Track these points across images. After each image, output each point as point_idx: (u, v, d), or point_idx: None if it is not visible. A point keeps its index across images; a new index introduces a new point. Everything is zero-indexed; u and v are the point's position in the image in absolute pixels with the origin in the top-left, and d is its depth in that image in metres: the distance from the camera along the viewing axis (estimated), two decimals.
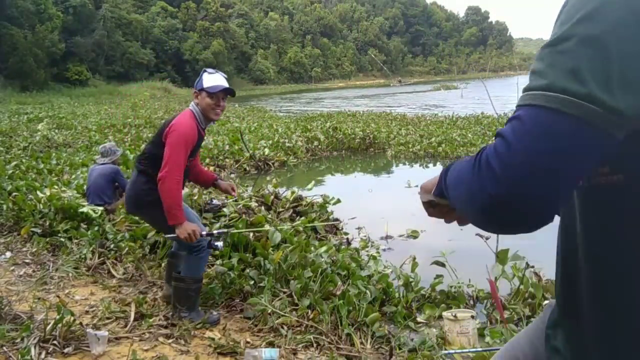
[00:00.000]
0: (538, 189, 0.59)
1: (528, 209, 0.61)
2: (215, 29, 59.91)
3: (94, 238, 4.17)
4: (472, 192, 0.65)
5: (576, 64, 0.59)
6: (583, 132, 0.58)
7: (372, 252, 4.42)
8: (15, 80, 36.00)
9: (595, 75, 0.58)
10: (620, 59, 0.58)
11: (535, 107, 0.61)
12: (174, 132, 2.76)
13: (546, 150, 0.59)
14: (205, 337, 2.74)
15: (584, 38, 0.59)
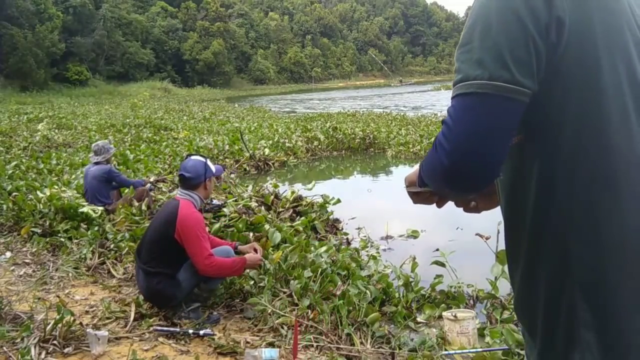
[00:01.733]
0: (475, 156, 0.77)
1: (473, 172, 0.79)
2: (215, 29, 59.89)
3: (94, 238, 4.17)
4: (434, 168, 0.83)
5: (480, 56, 0.77)
6: (498, 104, 0.76)
7: (372, 252, 4.42)
8: (15, 80, 36.01)
9: (494, 61, 0.75)
10: (508, 46, 0.75)
11: (459, 95, 0.78)
12: (189, 229, 2.81)
13: (474, 125, 0.76)
14: (205, 337, 2.74)
15: (479, 36, 0.78)
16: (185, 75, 55.95)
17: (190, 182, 3.01)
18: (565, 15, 0.75)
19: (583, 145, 0.77)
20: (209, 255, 2.83)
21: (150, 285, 2.88)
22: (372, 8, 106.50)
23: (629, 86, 0.76)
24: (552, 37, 0.75)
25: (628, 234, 0.76)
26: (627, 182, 0.76)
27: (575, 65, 0.76)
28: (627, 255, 0.75)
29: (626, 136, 0.76)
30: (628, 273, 0.76)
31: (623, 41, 0.77)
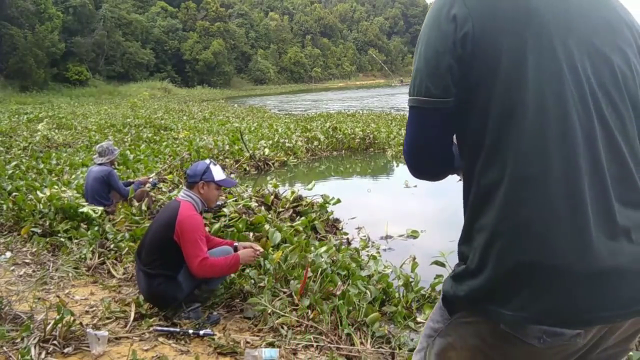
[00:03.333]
0: (420, 156, 1.05)
1: (424, 168, 1.07)
2: (215, 29, 59.89)
3: (94, 238, 4.17)
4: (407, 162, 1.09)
5: (412, 78, 1.00)
6: (425, 114, 0.99)
7: (372, 252, 4.41)
8: (15, 80, 35.99)
9: (419, 80, 0.98)
10: (426, 67, 0.96)
11: (409, 108, 1.02)
12: (186, 232, 2.80)
13: (413, 132, 1.03)
14: (205, 337, 2.74)
15: (415, 66, 1.01)
16: (185, 75, 55.92)
17: (189, 180, 3.04)
18: (470, 30, 0.90)
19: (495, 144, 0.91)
20: (204, 259, 2.81)
21: (151, 287, 2.88)
22: (372, 8, 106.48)
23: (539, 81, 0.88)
24: (459, 51, 0.91)
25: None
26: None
27: (483, 68, 0.91)
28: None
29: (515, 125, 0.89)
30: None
31: (526, 43, 0.90)
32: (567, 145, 0.87)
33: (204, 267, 2.82)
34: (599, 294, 0.86)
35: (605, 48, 0.93)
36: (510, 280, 0.88)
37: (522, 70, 0.88)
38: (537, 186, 0.87)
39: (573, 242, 0.86)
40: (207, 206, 3.09)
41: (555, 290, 0.86)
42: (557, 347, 0.90)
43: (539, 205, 0.87)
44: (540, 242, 0.86)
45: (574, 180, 0.86)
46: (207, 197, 3.03)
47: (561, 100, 0.87)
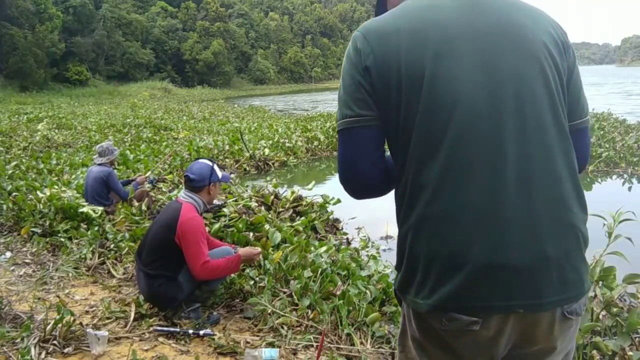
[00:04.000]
0: (352, 174, 1.10)
1: (358, 185, 1.12)
2: (215, 29, 59.88)
3: (94, 238, 4.17)
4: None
5: (338, 106, 1.10)
6: (354, 133, 1.07)
7: (372, 252, 4.42)
8: (15, 80, 35.99)
9: (343, 106, 1.08)
10: (348, 93, 1.07)
11: (338, 134, 1.11)
12: (188, 234, 2.80)
13: (344, 153, 1.10)
14: (205, 337, 2.74)
15: (338, 95, 1.11)
16: (185, 75, 55.91)
17: (194, 185, 2.98)
18: (372, 64, 1.03)
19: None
20: (205, 262, 2.81)
21: (152, 287, 2.88)
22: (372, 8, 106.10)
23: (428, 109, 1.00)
24: (367, 79, 1.04)
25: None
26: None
27: (382, 93, 1.04)
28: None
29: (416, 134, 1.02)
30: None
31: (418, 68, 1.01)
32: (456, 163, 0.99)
33: (205, 270, 2.82)
34: (494, 286, 0.95)
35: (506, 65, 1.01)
36: (418, 272, 1.02)
37: (416, 100, 1.00)
38: (429, 189, 0.99)
39: (472, 236, 0.96)
40: (207, 205, 3.09)
41: (455, 280, 0.97)
42: (461, 332, 0.99)
43: (437, 204, 0.99)
44: (441, 237, 0.98)
45: (469, 182, 0.97)
46: (213, 197, 3.05)
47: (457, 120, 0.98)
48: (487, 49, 1.01)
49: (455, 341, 1.02)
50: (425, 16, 1.04)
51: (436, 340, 1.05)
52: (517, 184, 0.96)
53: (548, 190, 0.97)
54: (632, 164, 8.20)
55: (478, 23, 1.03)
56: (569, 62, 1.09)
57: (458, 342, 1.02)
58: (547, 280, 0.96)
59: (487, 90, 0.98)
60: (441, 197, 0.98)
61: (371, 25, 1.08)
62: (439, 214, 0.98)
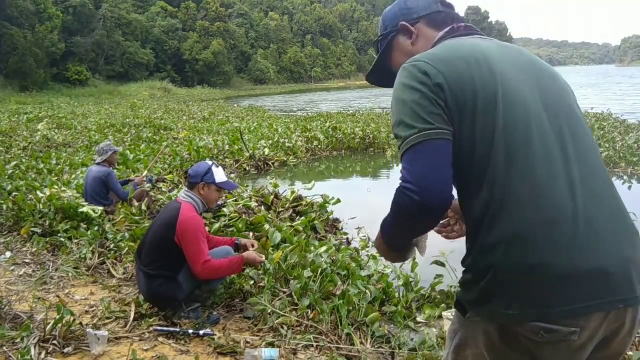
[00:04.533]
0: (435, 184, 1.04)
1: (438, 196, 1.04)
2: (215, 29, 59.86)
3: (94, 238, 4.17)
4: (407, 213, 1.08)
5: (408, 122, 1.09)
6: (432, 145, 1.06)
7: (372, 252, 4.41)
8: (15, 80, 35.99)
9: (417, 121, 1.08)
10: (421, 108, 1.08)
11: (406, 152, 1.08)
12: (188, 233, 2.80)
13: (425, 164, 1.06)
14: (205, 337, 2.74)
15: (402, 112, 1.12)
16: (185, 75, 55.89)
17: (189, 180, 3.03)
18: (444, 82, 1.08)
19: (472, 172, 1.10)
20: (206, 262, 2.81)
21: (152, 287, 2.88)
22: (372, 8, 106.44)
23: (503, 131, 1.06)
24: (441, 96, 1.08)
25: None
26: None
27: (456, 111, 1.08)
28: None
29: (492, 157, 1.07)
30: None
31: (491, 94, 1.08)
32: (545, 162, 1.05)
33: (206, 269, 2.82)
34: (594, 287, 1.00)
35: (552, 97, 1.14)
36: (510, 283, 1.02)
37: (493, 114, 1.07)
38: (522, 203, 1.02)
39: (560, 246, 1.00)
40: (207, 207, 3.09)
41: (547, 290, 0.99)
42: (554, 342, 1.01)
43: (528, 220, 1.02)
44: (534, 249, 1.00)
45: (555, 194, 1.02)
46: (207, 199, 3.02)
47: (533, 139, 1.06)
48: (534, 75, 1.15)
49: (542, 351, 1.04)
50: (477, 49, 1.16)
51: (518, 350, 1.06)
52: (583, 190, 1.04)
53: (608, 193, 1.09)
54: (632, 164, 8.19)
55: (518, 58, 1.19)
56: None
57: (545, 352, 1.03)
58: (635, 277, 1.03)
59: (547, 107, 1.10)
60: (532, 208, 1.02)
61: (427, 55, 1.16)
62: (534, 224, 1.01)
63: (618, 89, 33.88)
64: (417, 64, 1.13)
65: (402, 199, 1.06)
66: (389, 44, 1.40)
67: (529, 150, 1.04)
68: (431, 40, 1.30)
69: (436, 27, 1.32)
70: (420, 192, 1.04)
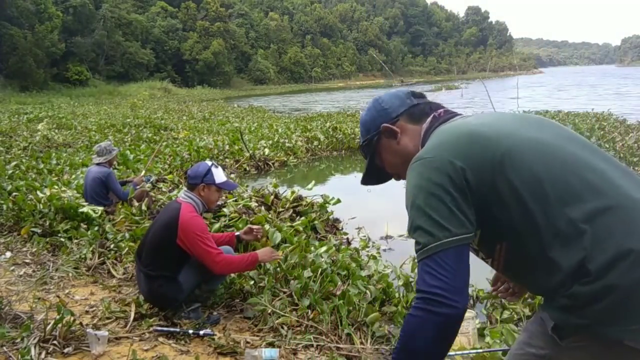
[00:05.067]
0: (464, 291, 1.07)
1: (465, 301, 1.06)
2: (215, 29, 59.85)
3: (94, 238, 4.17)
4: (429, 328, 1.06)
5: (421, 226, 1.10)
6: (462, 249, 1.09)
7: (372, 252, 4.42)
8: (15, 80, 35.96)
9: (436, 227, 1.08)
10: (428, 212, 1.10)
11: (436, 254, 1.07)
12: (191, 233, 2.79)
13: (464, 269, 1.09)
14: (205, 337, 2.74)
15: (427, 210, 1.11)
16: (185, 75, 55.87)
17: (189, 181, 3.02)
18: (469, 174, 1.10)
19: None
20: (219, 254, 2.83)
21: (152, 288, 2.88)
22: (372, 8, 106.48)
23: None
24: (466, 189, 1.09)
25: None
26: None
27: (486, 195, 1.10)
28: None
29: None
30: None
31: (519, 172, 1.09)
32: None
33: (222, 263, 2.82)
34: None
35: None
36: (629, 302, 0.99)
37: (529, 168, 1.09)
38: (621, 221, 1.02)
39: None
40: (207, 207, 3.09)
41: None
42: None
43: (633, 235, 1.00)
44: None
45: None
46: (208, 199, 3.02)
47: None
48: (538, 123, 1.22)
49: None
50: (472, 123, 1.24)
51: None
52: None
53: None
54: (632, 164, 8.19)
55: (513, 118, 1.27)
56: None
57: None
58: None
59: (564, 138, 1.17)
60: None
61: (434, 146, 1.21)
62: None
63: (617, 89, 33.87)
64: (429, 159, 1.15)
65: (419, 317, 1.07)
66: (374, 148, 1.41)
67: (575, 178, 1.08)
68: (417, 134, 1.32)
69: (416, 121, 1.34)
70: (449, 304, 1.05)
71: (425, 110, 1.35)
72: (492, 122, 1.20)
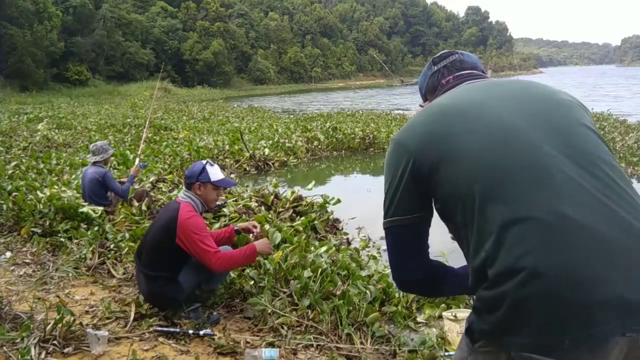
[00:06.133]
0: (400, 267, 1.28)
1: (406, 277, 1.28)
2: (215, 29, 59.84)
3: (94, 238, 4.17)
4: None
5: (385, 205, 1.29)
6: (397, 231, 1.29)
7: (372, 252, 4.42)
8: (15, 80, 35.92)
9: (387, 206, 1.29)
10: (393, 195, 1.26)
11: (385, 231, 1.30)
12: (189, 233, 2.79)
13: (392, 248, 1.30)
14: (205, 337, 2.74)
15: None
16: (185, 75, 55.87)
17: (185, 181, 3.03)
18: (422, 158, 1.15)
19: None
20: (216, 252, 2.83)
21: (152, 288, 2.89)
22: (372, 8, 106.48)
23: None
24: (415, 176, 1.17)
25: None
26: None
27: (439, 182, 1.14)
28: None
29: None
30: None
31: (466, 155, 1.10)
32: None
33: (220, 261, 2.82)
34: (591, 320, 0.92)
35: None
36: (522, 314, 0.97)
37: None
38: (537, 235, 0.97)
39: (575, 277, 0.93)
40: (206, 207, 3.09)
41: (557, 322, 0.93)
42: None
43: (545, 251, 0.96)
44: (550, 281, 0.94)
45: (565, 209, 0.96)
46: (206, 198, 3.01)
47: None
48: (516, 103, 1.15)
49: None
50: (453, 103, 1.21)
51: None
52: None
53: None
54: (632, 164, 8.20)
55: (501, 91, 1.20)
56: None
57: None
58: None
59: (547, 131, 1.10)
60: (551, 244, 0.99)
61: (404, 127, 1.28)
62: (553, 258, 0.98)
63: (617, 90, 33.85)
64: (395, 141, 1.22)
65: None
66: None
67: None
68: None
69: (433, 93, 1.35)
70: (394, 275, 1.31)
71: (438, 79, 1.33)
72: (460, 103, 1.17)
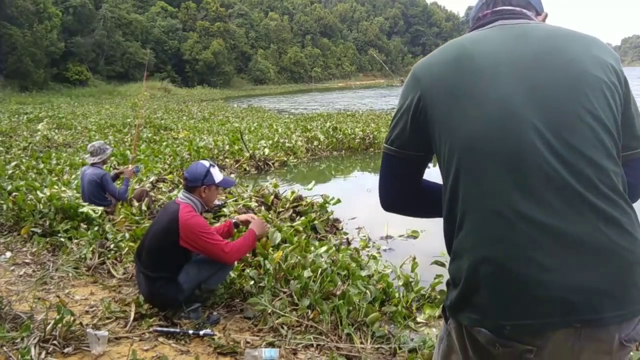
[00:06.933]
0: (384, 192, 1.29)
1: (390, 203, 1.30)
2: (215, 29, 59.87)
3: (94, 238, 4.17)
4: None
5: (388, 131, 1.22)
6: (388, 160, 1.24)
7: (372, 252, 4.42)
8: (15, 80, 35.94)
9: (389, 134, 1.21)
10: (394, 127, 1.19)
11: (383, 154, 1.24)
12: (195, 233, 2.81)
13: (385, 170, 1.28)
14: (205, 337, 2.74)
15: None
16: (185, 75, 55.90)
17: (188, 184, 3.00)
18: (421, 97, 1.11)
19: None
20: (227, 244, 2.88)
21: (152, 289, 2.89)
22: (372, 8, 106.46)
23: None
24: (418, 115, 1.11)
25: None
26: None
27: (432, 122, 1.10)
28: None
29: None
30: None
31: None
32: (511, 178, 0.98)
33: (232, 252, 2.88)
34: (549, 307, 0.92)
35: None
36: (477, 292, 0.98)
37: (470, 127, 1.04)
38: (495, 218, 0.97)
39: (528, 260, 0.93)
40: (206, 207, 3.09)
41: (510, 303, 0.94)
42: (513, 356, 0.95)
43: (499, 233, 0.97)
44: (500, 262, 0.95)
45: (525, 209, 0.94)
46: (208, 200, 3.03)
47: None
48: (527, 74, 1.02)
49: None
50: (466, 46, 1.17)
51: (485, 356, 1.01)
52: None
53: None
54: None
55: (520, 52, 1.06)
56: (621, 88, 1.07)
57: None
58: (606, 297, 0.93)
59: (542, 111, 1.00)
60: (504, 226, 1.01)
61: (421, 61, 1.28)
62: (504, 242, 0.99)
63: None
64: (412, 71, 1.20)
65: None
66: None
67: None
68: None
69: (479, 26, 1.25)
70: (379, 193, 1.33)
71: (482, 9, 1.25)
72: (477, 54, 1.09)
